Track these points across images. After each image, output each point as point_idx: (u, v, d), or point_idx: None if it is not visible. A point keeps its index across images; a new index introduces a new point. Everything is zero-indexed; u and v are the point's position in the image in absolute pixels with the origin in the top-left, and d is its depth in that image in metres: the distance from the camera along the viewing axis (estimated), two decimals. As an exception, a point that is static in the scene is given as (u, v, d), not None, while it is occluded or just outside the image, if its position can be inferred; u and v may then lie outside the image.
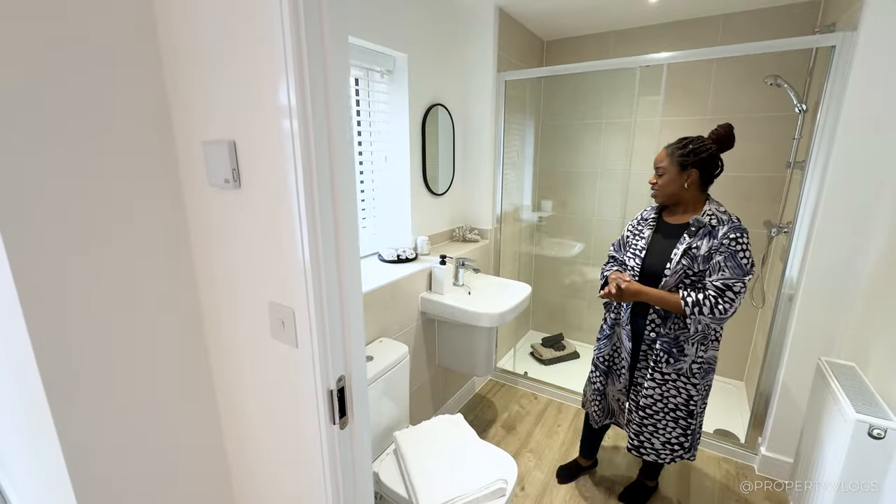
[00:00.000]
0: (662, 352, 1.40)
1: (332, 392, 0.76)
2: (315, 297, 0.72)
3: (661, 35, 2.40)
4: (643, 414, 1.48)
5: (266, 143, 0.71)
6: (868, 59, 1.42)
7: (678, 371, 1.40)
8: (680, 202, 1.41)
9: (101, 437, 0.82)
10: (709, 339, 1.38)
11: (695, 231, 1.33)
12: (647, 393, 1.45)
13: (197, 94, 0.80)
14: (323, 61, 0.65)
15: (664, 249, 1.40)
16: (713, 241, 1.30)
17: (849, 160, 1.51)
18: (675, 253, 1.35)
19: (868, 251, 1.52)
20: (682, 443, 1.47)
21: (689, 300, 1.29)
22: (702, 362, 1.39)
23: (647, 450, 1.50)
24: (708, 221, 1.33)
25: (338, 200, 0.71)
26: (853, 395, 1.27)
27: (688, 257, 1.32)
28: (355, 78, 1.76)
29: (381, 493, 1.35)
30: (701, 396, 1.44)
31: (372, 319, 1.59)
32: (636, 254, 1.46)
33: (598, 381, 1.63)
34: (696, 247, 1.32)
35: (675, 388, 1.42)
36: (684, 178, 1.36)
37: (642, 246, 1.45)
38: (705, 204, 1.38)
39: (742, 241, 1.28)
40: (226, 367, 0.98)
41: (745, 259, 1.27)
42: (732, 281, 1.26)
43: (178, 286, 0.92)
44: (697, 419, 1.47)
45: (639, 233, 1.50)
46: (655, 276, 1.39)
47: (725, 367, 2.58)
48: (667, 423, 1.45)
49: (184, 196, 0.89)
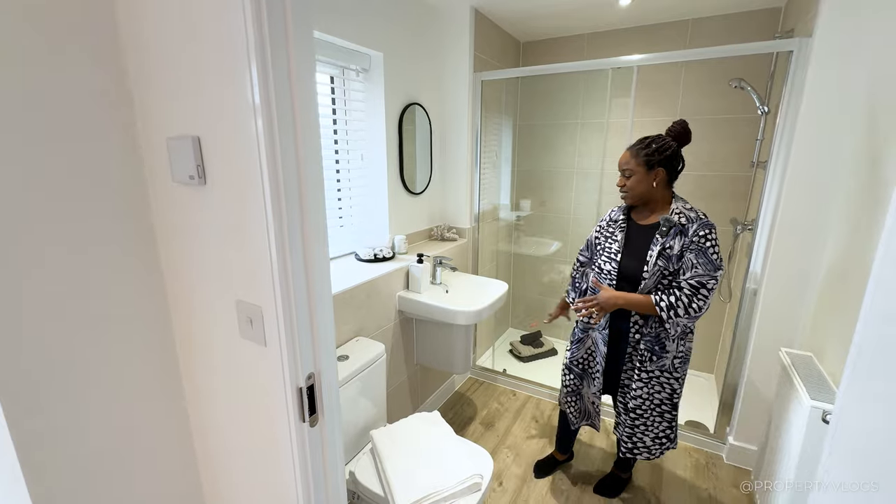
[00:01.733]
0: (647, 351, 1.42)
1: (301, 389, 0.76)
2: (283, 294, 0.71)
3: (633, 38, 2.46)
4: (634, 415, 1.50)
5: (231, 140, 0.70)
6: (822, 65, 1.49)
7: (661, 367, 1.43)
8: (649, 202, 1.43)
9: (60, 443, 0.80)
10: (687, 333, 1.43)
11: (666, 231, 1.35)
12: (636, 394, 1.47)
13: (160, 89, 0.78)
14: (287, 56, 0.65)
15: (638, 251, 1.41)
16: (685, 240, 1.33)
17: (806, 160, 1.58)
18: (651, 254, 1.36)
19: (824, 248, 1.59)
20: (668, 435, 1.52)
21: (663, 304, 1.31)
22: (682, 355, 1.44)
23: (641, 449, 1.53)
24: (678, 220, 1.35)
25: (305, 197, 0.71)
26: (809, 384, 1.33)
27: (663, 258, 1.35)
28: (330, 76, 1.74)
29: (357, 492, 1.35)
30: (681, 387, 1.49)
31: (348, 318, 1.58)
32: (611, 257, 1.47)
33: (571, 384, 1.66)
34: (670, 246, 1.34)
35: (659, 385, 1.45)
36: (652, 177, 1.38)
37: (616, 249, 1.46)
38: (672, 202, 1.41)
39: (711, 237, 1.31)
40: (194, 367, 0.96)
41: (715, 255, 1.31)
42: (706, 279, 1.29)
43: (143, 285, 0.90)
44: (678, 410, 1.52)
45: (610, 235, 1.51)
46: (633, 279, 1.41)
47: (696, 360, 2.67)
48: (654, 419, 1.49)
49: (148, 193, 0.87)
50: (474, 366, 2.64)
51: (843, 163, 1.52)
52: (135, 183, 0.85)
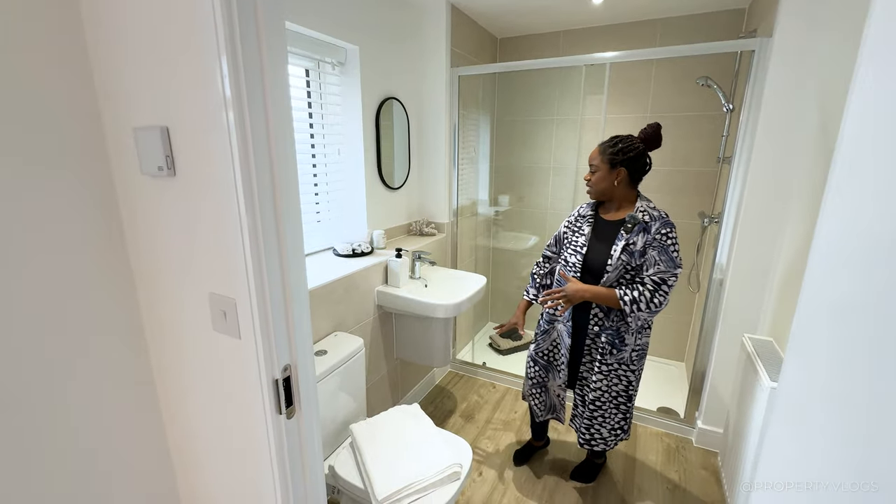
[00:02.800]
0: (608, 344, 1.47)
1: (277, 381, 0.76)
2: (257, 286, 0.71)
3: (606, 36, 2.51)
4: (593, 407, 1.54)
5: (201, 131, 0.70)
6: (781, 64, 1.57)
7: (620, 360, 1.48)
8: (612, 198, 1.48)
9: (24, 442, 0.77)
10: (644, 328, 1.48)
11: (631, 227, 1.40)
12: (595, 386, 1.51)
13: (126, 77, 0.76)
14: (258, 46, 0.64)
15: (603, 246, 1.46)
16: (647, 237, 1.38)
17: (768, 156, 1.66)
18: (615, 249, 1.41)
19: (784, 238, 1.68)
20: (622, 426, 1.58)
21: (626, 299, 1.36)
22: (639, 349, 1.49)
23: (598, 440, 1.58)
24: (642, 218, 1.40)
25: (278, 189, 0.71)
26: (770, 367, 1.41)
27: (626, 253, 1.40)
28: (305, 69, 1.72)
29: (337, 486, 1.35)
30: (637, 380, 1.54)
31: (326, 314, 1.57)
32: (577, 250, 1.51)
33: (536, 375, 1.69)
34: (633, 242, 1.39)
35: (616, 377, 1.50)
36: (614, 175, 1.42)
37: (582, 242, 1.50)
38: (636, 200, 1.45)
39: (672, 235, 1.37)
40: (166, 362, 0.95)
41: (675, 253, 1.37)
42: (668, 275, 1.35)
43: (112, 279, 0.87)
44: (633, 402, 1.57)
45: (578, 229, 1.55)
46: (596, 272, 1.45)
47: (667, 349, 2.77)
48: (611, 411, 1.54)
49: (115, 184, 0.85)
50: (454, 360, 2.67)
51: (800, 159, 1.60)
52: (99, 174, 0.83)
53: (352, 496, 1.31)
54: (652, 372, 2.67)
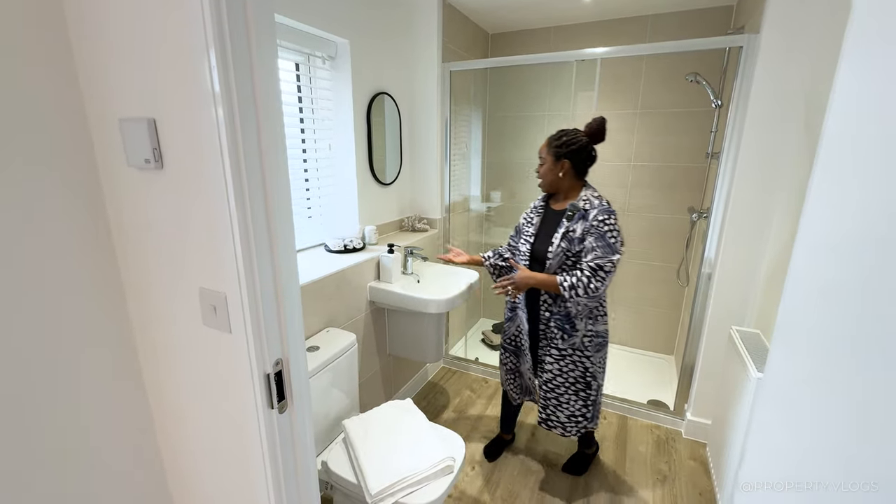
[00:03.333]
0: (557, 329, 1.52)
1: (269, 376, 0.76)
2: (247, 280, 0.70)
3: (597, 32, 2.52)
4: (546, 388, 1.60)
5: (189, 123, 0.69)
6: (768, 60, 1.59)
7: (573, 346, 1.52)
8: (559, 189, 1.54)
9: (10, 440, 0.76)
10: (595, 315, 1.52)
11: (571, 215, 1.46)
12: (548, 368, 1.57)
13: (111, 66, 0.75)
14: (247, 39, 0.63)
15: (549, 234, 1.52)
16: (586, 224, 1.42)
17: (755, 152, 1.68)
18: (556, 237, 1.47)
19: (771, 232, 1.71)
20: (584, 414, 1.60)
21: (565, 284, 1.41)
22: (592, 335, 1.52)
23: (554, 422, 1.63)
24: (582, 206, 1.45)
25: (269, 182, 0.70)
26: (756, 358, 1.44)
27: (566, 240, 1.45)
28: (295, 63, 1.70)
29: (330, 481, 1.35)
30: (596, 369, 1.56)
31: (318, 310, 1.57)
32: (527, 239, 1.58)
33: (508, 361, 1.75)
34: (573, 230, 1.45)
35: (572, 363, 1.54)
36: (559, 167, 1.49)
37: (532, 232, 1.58)
38: (582, 190, 1.51)
39: (609, 221, 1.40)
40: (155, 357, 0.94)
41: (614, 238, 1.40)
42: (604, 261, 1.38)
43: (98, 274, 0.86)
44: (597, 391, 1.60)
45: (529, 220, 1.62)
46: (542, 260, 1.51)
47: (657, 343, 2.80)
48: (569, 398, 1.58)
49: (100, 177, 0.84)
50: (447, 355, 2.67)
51: (786, 154, 1.63)
52: (84, 166, 0.81)
53: (345, 491, 1.31)
54: (642, 365, 2.71)
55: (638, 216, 2.66)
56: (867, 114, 0.43)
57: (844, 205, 0.45)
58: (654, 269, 2.69)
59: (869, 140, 0.43)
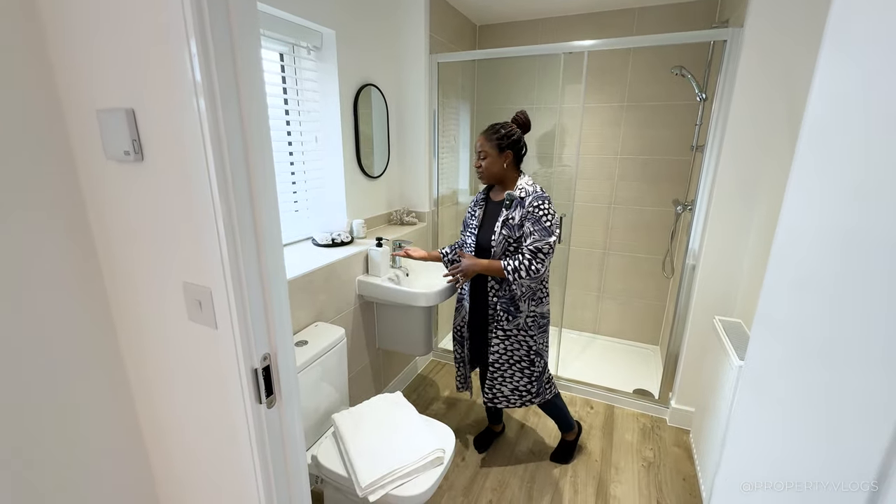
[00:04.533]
0: (503, 311, 1.59)
1: (256, 371, 0.75)
2: (233, 274, 0.69)
3: (584, 25, 2.52)
4: (493, 369, 1.66)
5: (170, 114, 0.67)
6: (752, 54, 1.61)
7: (517, 326, 1.59)
8: (502, 180, 1.59)
9: (-12, 441, 0.74)
10: (538, 296, 1.59)
11: (509, 204, 1.52)
12: (495, 349, 1.64)
13: (87, 55, 0.72)
14: (228, 24, 0.62)
15: (491, 224, 1.58)
16: (523, 210, 1.49)
17: (738, 144, 1.71)
18: (497, 225, 1.53)
19: (752, 224, 1.74)
20: (529, 389, 1.67)
21: (509, 268, 1.47)
22: (535, 316, 1.59)
23: (500, 398, 1.69)
24: (518, 194, 1.52)
25: (254, 174, 0.69)
26: (738, 346, 1.47)
27: (506, 227, 1.51)
28: (280, 53, 1.67)
29: (320, 475, 1.35)
30: (540, 347, 1.64)
31: (306, 304, 1.55)
32: (472, 231, 1.64)
33: (456, 351, 1.81)
34: (512, 217, 1.51)
35: (517, 342, 1.61)
36: (503, 158, 1.54)
37: (476, 224, 1.64)
38: (518, 179, 1.57)
39: (544, 206, 1.48)
40: (141, 354, 0.92)
41: (549, 222, 1.47)
42: (542, 243, 1.45)
43: (78, 270, 0.84)
44: (542, 369, 1.67)
45: (472, 213, 1.68)
46: (486, 249, 1.57)
47: (643, 334, 2.85)
48: (513, 374, 1.65)
49: (78, 170, 0.81)
50: (436, 348, 2.68)
51: (770, 147, 1.66)
52: (61, 159, 0.79)
53: (336, 485, 1.31)
54: (628, 355, 2.76)
55: (624, 209, 2.69)
56: (849, 102, 0.44)
57: (820, 193, 0.46)
58: (640, 261, 2.73)
59: (850, 128, 0.44)
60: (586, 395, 2.33)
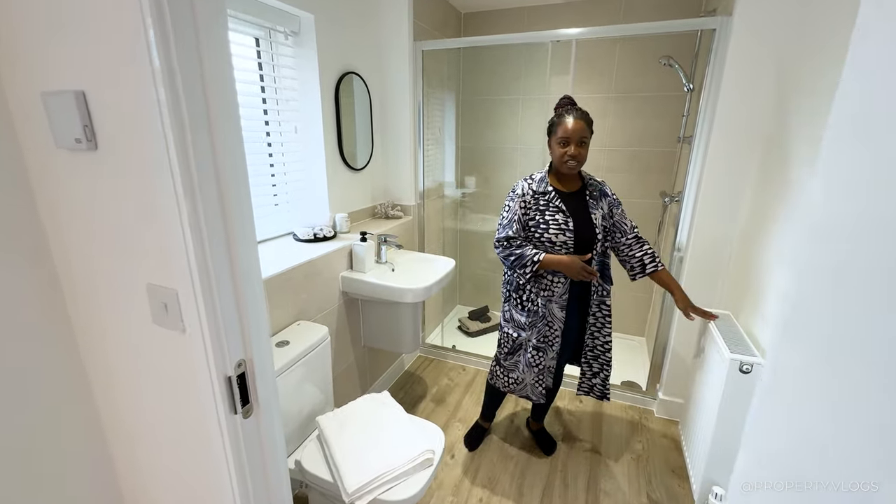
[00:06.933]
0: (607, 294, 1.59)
1: (230, 379, 0.69)
2: (200, 274, 0.63)
3: (571, 13, 2.48)
4: (603, 350, 1.65)
5: (125, 97, 0.60)
6: (740, 43, 1.59)
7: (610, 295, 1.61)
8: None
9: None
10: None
11: (597, 194, 1.52)
12: (607, 331, 1.62)
13: (29, 29, 0.64)
14: (190, 2, 0.55)
15: (581, 217, 1.48)
16: (607, 199, 1.52)
17: (726, 136, 1.70)
18: (595, 217, 1.49)
19: (739, 217, 1.74)
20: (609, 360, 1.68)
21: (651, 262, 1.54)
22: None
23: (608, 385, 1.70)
24: (598, 184, 1.54)
25: (221, 165, 0.62)
26: (728, 339, 1.47)
27: (603, 218, 1.51)
28: (255, 38, 1.58)
29: (305, 481, 1.29)
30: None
31: (287, 302, 1.49)
32: (563, 228, 1.44)
33: (539, 363, 1.59)
34: (601, 206, 1.51)
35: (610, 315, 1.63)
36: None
37: (563, 219, 1.45)
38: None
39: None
40: (105, 363, 0.85)
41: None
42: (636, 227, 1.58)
43: (31, 271, 0.76)
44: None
45: (547, 207, 1.47)
46: (587, 244, 1.47)
47: (629, 324, 2.86)
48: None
49: (25, 160, 0.73)
50: (423, 344, 2.64)
51: (757, 138, 1.65)
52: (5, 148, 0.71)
53: (321, 490, 1.26)
54: (615, 347, 2.75)
55: (611, 201, 2.67)
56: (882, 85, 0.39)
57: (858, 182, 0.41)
58: (627, 253, 2.73)
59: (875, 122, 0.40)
60: (573, 388, 2.32)
